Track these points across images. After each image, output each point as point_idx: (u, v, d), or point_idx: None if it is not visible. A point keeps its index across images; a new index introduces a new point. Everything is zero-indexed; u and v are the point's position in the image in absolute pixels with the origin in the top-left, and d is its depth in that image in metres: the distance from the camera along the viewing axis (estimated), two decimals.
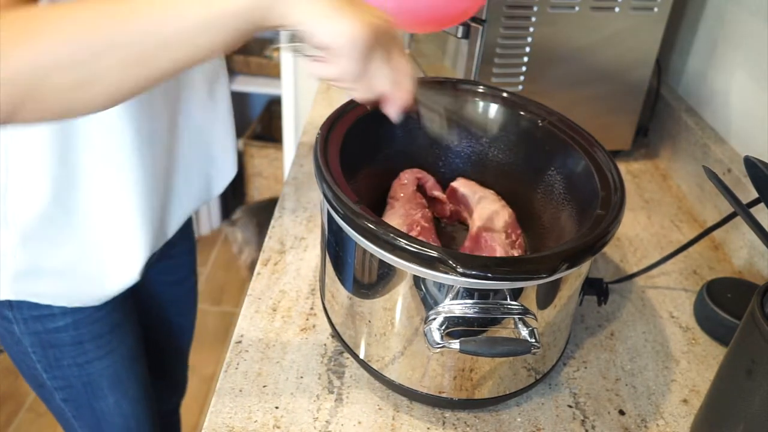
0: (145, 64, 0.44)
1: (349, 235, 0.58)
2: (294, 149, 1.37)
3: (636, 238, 0.93)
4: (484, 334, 0.57)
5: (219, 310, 2.14)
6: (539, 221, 0.73)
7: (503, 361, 0.61)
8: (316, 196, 0.94)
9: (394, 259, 0.55)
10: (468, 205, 0.76)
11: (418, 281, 0.56)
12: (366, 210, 0.56)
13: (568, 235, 0.66)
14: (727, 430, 0.58)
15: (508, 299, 0.56)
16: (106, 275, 0.75)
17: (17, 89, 0.42)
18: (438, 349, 0.55)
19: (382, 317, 0.61)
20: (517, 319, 0.56)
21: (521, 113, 0.75)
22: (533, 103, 0.75)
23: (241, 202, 2.39)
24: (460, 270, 0.51)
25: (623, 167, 1.09)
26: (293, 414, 0.63)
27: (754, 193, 0.62)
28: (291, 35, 0.47)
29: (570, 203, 0.69)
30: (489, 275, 0.52)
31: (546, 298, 0.58)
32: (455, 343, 0.54)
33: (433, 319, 0.56)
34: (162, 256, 0.89)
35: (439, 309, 0.56)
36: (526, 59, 0.97)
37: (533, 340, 0.55)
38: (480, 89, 0.77)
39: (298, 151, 1.06)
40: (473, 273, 0.52)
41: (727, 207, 0.87)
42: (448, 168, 0.80)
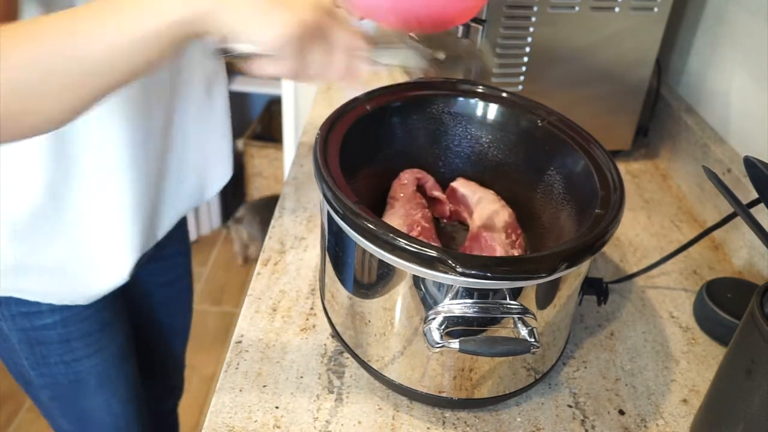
0: (83, 84, 0.46)
1: (349, 235, 0.58)
2: (294, 149, 1.37)
3: (636, 238, 0.93)
4: (483, 333, 0.57)
5: (219, 310, 2.14)
6: (539, 221, 0.73)
7: (503, 361, 0.61)
8: (316, 196, 0.94)
9: (393, 259, 0.55)
10: (468, 205, 0.76)
11: (417, 281, 0.56)
12: (366, 210, 0.56)
13: (567, 235, 0.66)
14: (727, 430, 0.58)
15: (507, 299, 0.56)
16: (95, 274, 0.75)
17: None
18: (438, 349, 0.55)
19: (381, 317, 0.61)
20: (517, 319, 0.56)
21: (521, 113, 0.75)
22: (533, 103, 0.75)
23: (241, 202, 2.39)
24: (459, 270, 0.51)
25: (623, 167, 1.09)
26: (293, 414, 0.63)
27: (754, 193, 0.62)
28: (226, 41, 0.48)
29: (569, 203, 0.69)
30: (488, 275, 0.52)
31: (545, 297, 0.59)
32: (455, 343, 0.54)
33: (433, 319, 0.56)
34: (154, 257, 0.89)
35: (439, 309, 0.56)
36: (526, 59, 0.97)
37: (533, 339, 0.55)
38: (480, 89, 0.77)
39: (298, 151, 1.06)
40: (473, 273, 0.52)
41: (727, 207, 0.87)
42: (448, 168, 0.80)
